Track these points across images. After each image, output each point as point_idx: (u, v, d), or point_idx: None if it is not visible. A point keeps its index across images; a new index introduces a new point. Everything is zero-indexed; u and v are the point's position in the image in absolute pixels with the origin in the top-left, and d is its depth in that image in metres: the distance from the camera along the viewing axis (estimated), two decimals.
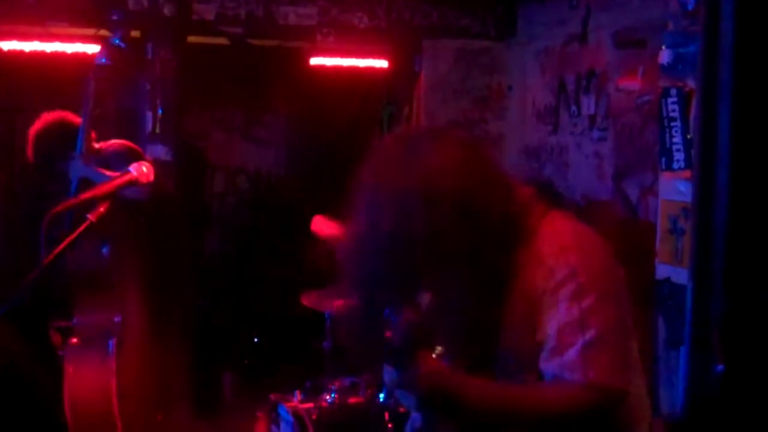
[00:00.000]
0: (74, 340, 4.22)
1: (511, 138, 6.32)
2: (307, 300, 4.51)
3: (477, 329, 1.97)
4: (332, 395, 4.30)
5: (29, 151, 4.48)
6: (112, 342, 4.15)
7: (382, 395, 4.19)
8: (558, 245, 1.94)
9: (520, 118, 6.23)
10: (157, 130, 5.77)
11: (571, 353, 1.85)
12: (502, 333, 1.97)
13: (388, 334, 1.81)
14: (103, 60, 4.38)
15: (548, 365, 1.90)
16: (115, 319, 4.24)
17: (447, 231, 1.87)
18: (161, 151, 5.68)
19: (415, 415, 2.14)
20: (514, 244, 1.96)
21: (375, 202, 1.95)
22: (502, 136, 6.35)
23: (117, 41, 4.39)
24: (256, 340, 6.35)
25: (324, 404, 4.27)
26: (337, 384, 4.33)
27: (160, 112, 5.80)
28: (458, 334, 1.99)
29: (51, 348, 4.28)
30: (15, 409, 4.28)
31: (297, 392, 4.34)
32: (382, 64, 6.32)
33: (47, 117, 4.46)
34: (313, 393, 4.37)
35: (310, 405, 4.27)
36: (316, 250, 5.31)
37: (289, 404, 4.30)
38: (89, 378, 4.07)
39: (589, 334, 1.85)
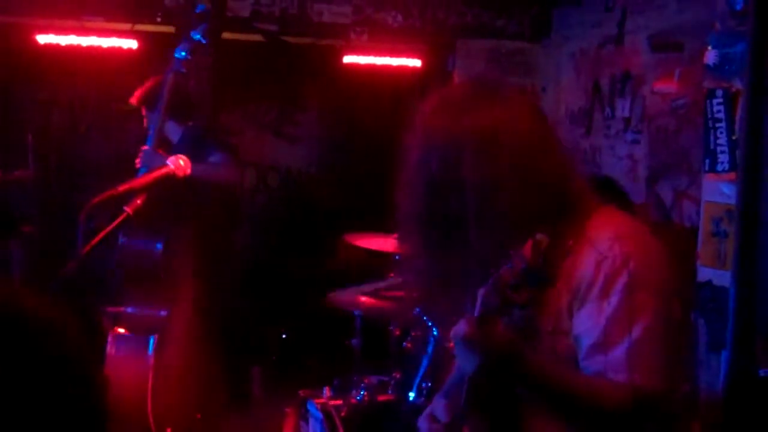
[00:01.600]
0: (120, 329, 4.26)
1: None
2: (335, 298, 4.53)
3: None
4: (361, 392, 4.29)
5: (137, 94, 4.67)
6: (154, 338, 4.18)
7: (411, 393, 4.18)
8: (613, 233, 1.87)
9: (553, 120, 6.20)
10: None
11: (617, 352, 1.78)
12: (539, 314, 1.89)
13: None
14: (183, 54, 4.39)
15: (591, 362, 1.82)
16: (161, 314, 4.27)
17: (498, 182, 1.79)
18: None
19: (435, 403, 2.04)
20: (564, 222, 1.86)
21: (430, 142, 1.88)
22: None
23: (198, 36, 4.38)
24: (284, 336, 6.37)
25: (353, 401, 4.27)
26: (366, 381, 4.33)
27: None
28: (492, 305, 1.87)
29: (99, 332, 4.31)
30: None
31: (326, 389, 4.34)
32: (416, 63, 6.31)
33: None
34: (342, 390, 4.37)
35: (339, 402, 4.27)
36: (345, 250, 5.32)
37: (318, 401, 4.30)
38: (126, 369, 4.11)
39: (637, 331, 1.78)
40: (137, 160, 4.46)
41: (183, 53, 4.41)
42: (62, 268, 2.81)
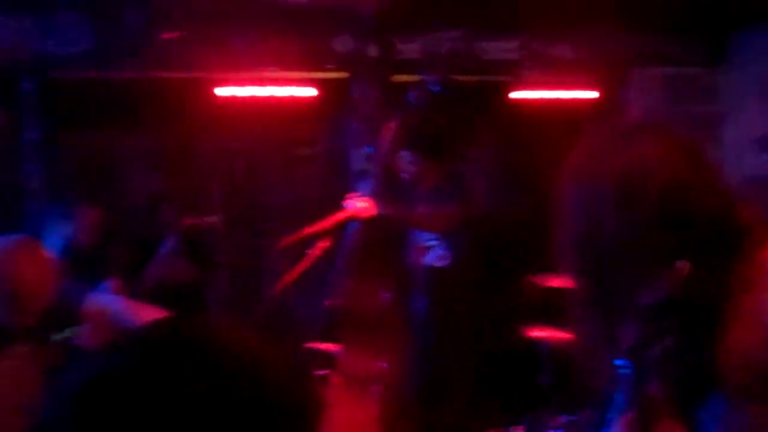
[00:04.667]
0: (337, 379, 4.27)
1: (727, 168, 6.02)
2: (529, 332, 4.46)
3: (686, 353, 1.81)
4: None
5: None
6: (376, 388, 4.16)
7: None
8: None
9: (736, 148, 5.93)
10: (366, 168, 5.87)
11: None
12: (723, 359, 1.77)
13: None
14: (414, 101, 4.45)
15: None
16: (383, 365, 4.25)
17: (646, 228, 1.73)
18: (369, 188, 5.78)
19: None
20: (731, 254, 1.76)
21: (578, 180, 1.84)
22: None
23: (432, 84, 4.42)
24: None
25: None
26: (557, 420, 4.22)
27: (366, 150, 5.90)
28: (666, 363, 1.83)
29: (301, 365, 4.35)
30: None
31: (518, 429, 4.26)
32: (592, 95, 6.19)
33: None
34: (532, 429, 4.28)
35: None
36: (529, 287, 5.24)
37: None
38: (348, 419, 4.10)
39: None
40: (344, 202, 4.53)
41: (413, 100, 4.45)
42: (254, 307, 2.88)
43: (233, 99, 6.01)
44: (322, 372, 4.25)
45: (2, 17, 5.48)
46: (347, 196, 4.57)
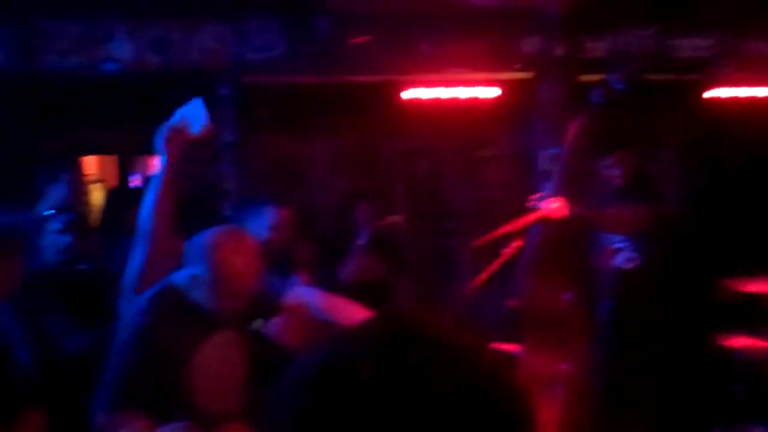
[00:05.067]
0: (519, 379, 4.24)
1: None
2: (724, 339, 4.28)
3: None
4: None
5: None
6: (559, 390, 4.11)
7: None
8: None
9: None
10: (551, 169, 5.79)
11: None
12: None
13: None
14: (598, 100, 4.40)
15: None
16: (564, 367, 4.20)
17: None
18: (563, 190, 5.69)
19: None
20: None
21: None
22: None
23: (615, 82, 4.37)
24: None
25: None
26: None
27: (552, 151, 5.82)
28: None
29: None
30: None
31: None
32: None
33: None
34: None
35: None
36: (729, 290, 5.02)
37: None
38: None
39: None
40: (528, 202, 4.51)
41: (597, 99, 4.38)
42: (439, 306, 2.91)
43: (418, 101, 6.08)
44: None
45: (203, 25, 5.77)
46: (531, 197, 4.53)
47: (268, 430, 0.96)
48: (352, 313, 3.18)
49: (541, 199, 4.38)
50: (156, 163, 3.04)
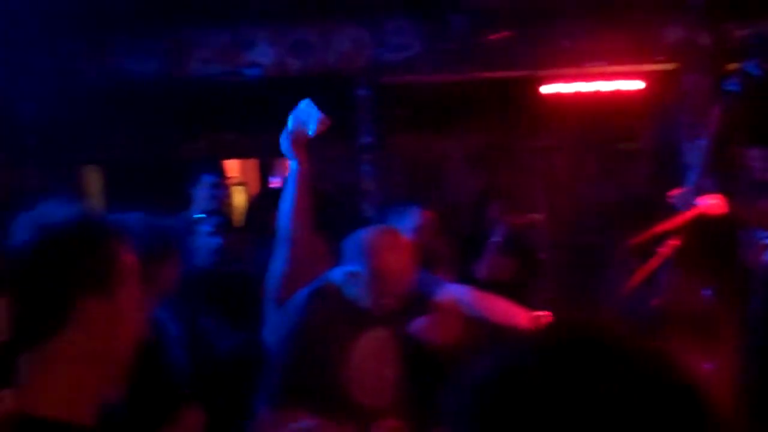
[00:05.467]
0: None
1: None
2: None
3: None
4: None
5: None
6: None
7: None
8: None
9: None
10: (696, 162, 5.60)
11: None
12: None
13: None
14: (734, 87, 4.29)
15: None
16: (705, 366, 4.11)
17: None
18: (706, 184, 5.50)
19: None
20: None
21: None
22: None
23: (752, 68, 4.26)
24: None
25: None
26: None
27: (699, 143, 5.63)
28: None
29: None
30: None
31: None
32: None
33: None
34: None
35: None
36: None
37: None
38: None
39: None
40: (671, 200, 4.39)
41: (733, 87, 4.24)
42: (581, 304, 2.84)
43: (557, 96, 5.99)
44: None
45: (339, 28, 5.84)
46: (674, 191, 4.40)
47: (445, 427, 0.95)
48: (507, 310, 3.16)
49: (686, 194, 4.25)
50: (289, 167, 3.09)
